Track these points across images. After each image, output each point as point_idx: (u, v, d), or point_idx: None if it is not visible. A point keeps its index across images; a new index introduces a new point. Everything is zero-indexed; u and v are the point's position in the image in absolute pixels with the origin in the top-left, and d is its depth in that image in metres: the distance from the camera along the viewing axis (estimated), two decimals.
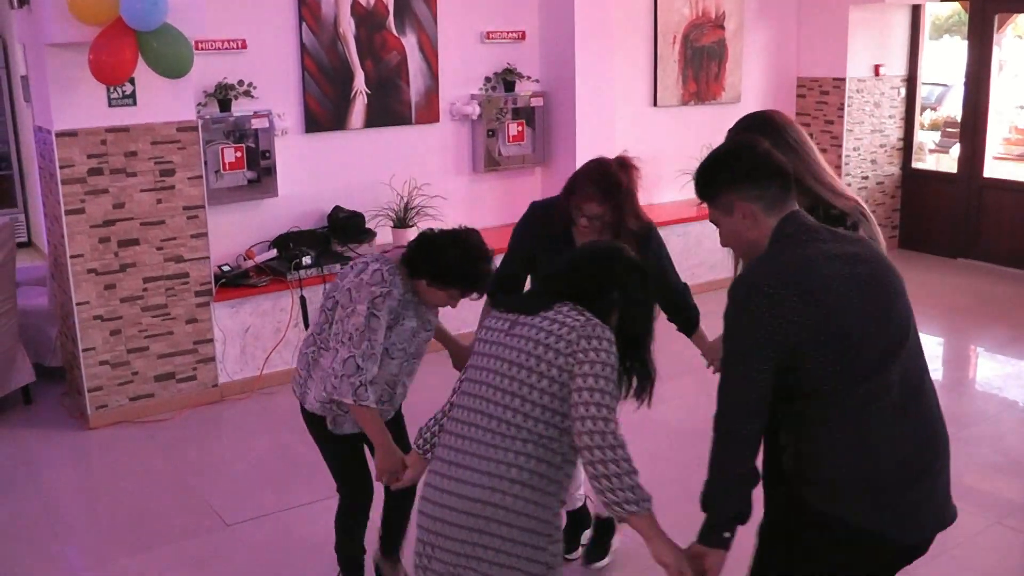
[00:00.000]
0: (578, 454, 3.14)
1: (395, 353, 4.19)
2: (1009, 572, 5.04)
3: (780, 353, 2.92)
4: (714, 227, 3.22)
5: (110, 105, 6.54)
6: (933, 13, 12.57)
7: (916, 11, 11.19)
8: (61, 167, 6.44)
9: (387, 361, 4.15)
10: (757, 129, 3.67)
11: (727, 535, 3.01)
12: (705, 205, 3.23)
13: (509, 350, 3.23)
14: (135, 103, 6.61)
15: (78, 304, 6.64)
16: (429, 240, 4.13)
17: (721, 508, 3.03)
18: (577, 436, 3.07)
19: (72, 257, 6.57)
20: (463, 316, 7.51)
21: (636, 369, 3.38)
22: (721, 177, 3.18)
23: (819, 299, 2.90)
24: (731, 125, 3.93)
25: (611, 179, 4.32)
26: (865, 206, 3.75)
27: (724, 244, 3.26)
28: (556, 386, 3.13)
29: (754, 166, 3.15)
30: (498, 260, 4.57)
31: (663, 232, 4.84)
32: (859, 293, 2.96)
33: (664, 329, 3.92)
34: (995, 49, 10.81)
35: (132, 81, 6.50)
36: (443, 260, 4.04)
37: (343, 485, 4.60)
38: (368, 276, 3.98)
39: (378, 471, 4.15)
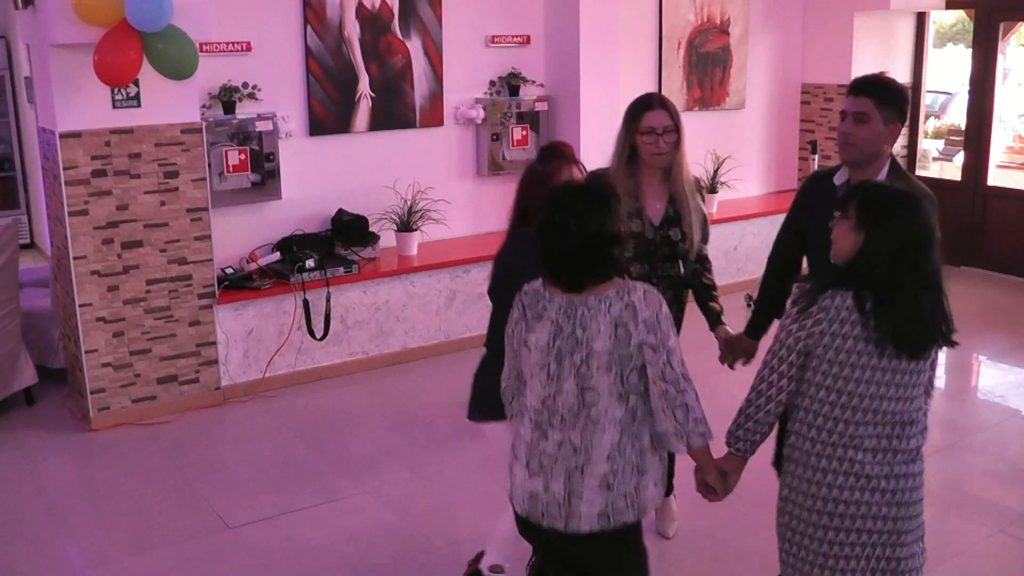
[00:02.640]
0: None
1: None
2: None
3: None
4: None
5: (114, 107, 6.54)
6: (937, 21, 12.56)
7: (920, 19, 11.19)
8: (65, 168, 6.44)
9: None
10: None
11: None
12: (863, 99, 4.07)
13: None
14: (139, 105, 6.61)
15: (81, 306, 6.63)
16: None
17: None
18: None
19: (75, 259, 6.57)
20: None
21: None
22: (906, 105, 4.17)
23: None
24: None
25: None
26: None
27: (852, 137, 4.09)
28: None
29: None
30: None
31: None
32: None
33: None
34: (999, 57, 10.80)
35: (136, 83, 6.49)
36: None
37: None
38: (655, 298, 3.33)
39: (719, 489, 3.60)
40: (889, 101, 4.09)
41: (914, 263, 3.27)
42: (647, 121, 4.57)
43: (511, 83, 8.73)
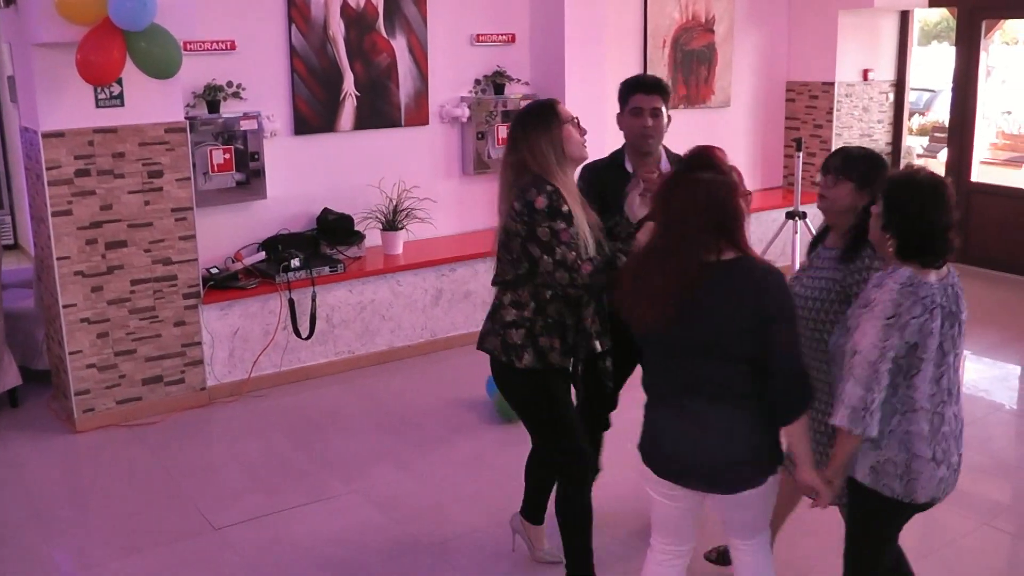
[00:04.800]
0: None
1: None
2: (997, 573, 5.04)
3: None
4: None
5: (97, 106, 6.50)
6: (922, 19, 12.63)
7: (904, 17, 11.22)
8: (48, 168, 6.39)
9: None
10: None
11: None
12: (656, 97, 4.84)
13: None
14: (123, 104, 6.57)
15: (65, 307, 6.59)
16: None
17: None
18: None
19: (59, 259, 6.52)
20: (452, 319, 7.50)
21: None
22: None
23: None
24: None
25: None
26: None
27: (653, 130, 4.85)
28: None
29: None
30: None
31: None
32: None
33: None
34: (982, 55, 10.84)
35: (120, 82, 6.46)
36: None
37: None
38: None
39: None
40: (668, 98, 4.92)
41: None
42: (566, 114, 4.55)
43: (496, 82, 8.71)
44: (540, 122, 4.28)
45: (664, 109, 4.85)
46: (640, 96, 4.85)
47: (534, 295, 4.26)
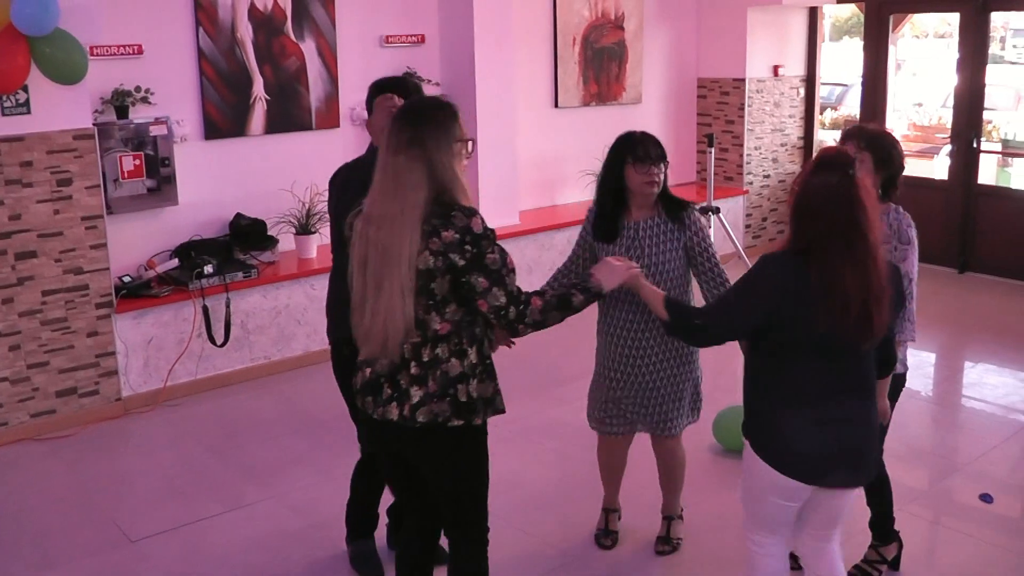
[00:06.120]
0: None
1: None
2: (910, 558, 5.13)
3: None
4: None
5: (3, 114, 6.38)
6: (833, 15, 12.82)
7: (813, 13, 11.38)
8: None
9: None
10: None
11: None
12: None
13: None
14: (29, 111, 6.46)
15: None
16: None
17: None
18: None
19: None
20: None
21: None
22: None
23: None
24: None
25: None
26: None
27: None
28: None
29: None
30: None
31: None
32: None
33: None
34: (891, 49, 11.03)
35: (25, 88, 6.35)
36: None
37: None
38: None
39: None
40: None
41: None
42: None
43: None
44: (442, 127, 3.51)
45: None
46: (394, 98, 4.51)
47: (472, 338, 3.57)
